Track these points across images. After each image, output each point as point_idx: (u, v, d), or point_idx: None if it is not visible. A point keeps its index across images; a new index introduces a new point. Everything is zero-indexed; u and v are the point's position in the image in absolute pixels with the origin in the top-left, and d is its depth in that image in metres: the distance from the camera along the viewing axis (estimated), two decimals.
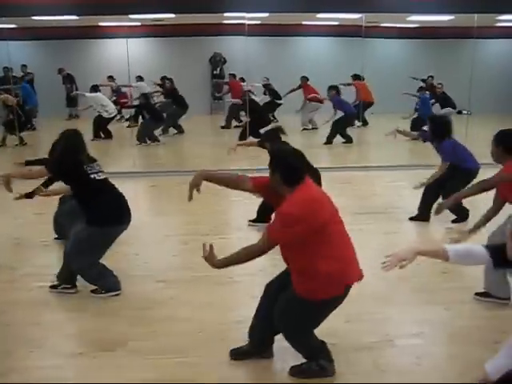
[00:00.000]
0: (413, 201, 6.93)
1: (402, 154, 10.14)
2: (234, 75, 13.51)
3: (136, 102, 12.11)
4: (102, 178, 4.21)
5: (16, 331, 3.77)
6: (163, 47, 14.72)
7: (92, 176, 4.11)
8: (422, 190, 6.09)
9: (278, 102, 13.07)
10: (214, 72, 15.35)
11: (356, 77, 12.09)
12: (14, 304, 4.18)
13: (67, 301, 4.22)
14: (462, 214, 5.98)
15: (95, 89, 11.76)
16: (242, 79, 13.20)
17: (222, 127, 13.16)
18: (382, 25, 13.69)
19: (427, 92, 12.09)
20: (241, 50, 11.82)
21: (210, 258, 3.11)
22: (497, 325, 3.81)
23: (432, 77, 12.85)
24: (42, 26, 12.08)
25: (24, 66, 13.02)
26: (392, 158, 9.56)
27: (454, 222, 6.00)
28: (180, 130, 12.45)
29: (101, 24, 13.33)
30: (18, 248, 5.43)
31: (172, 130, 12.50)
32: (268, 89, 13.33)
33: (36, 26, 12.24)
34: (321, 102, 12.19)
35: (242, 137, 10.73)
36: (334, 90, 11.19)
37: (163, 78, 12.58)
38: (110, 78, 13.13)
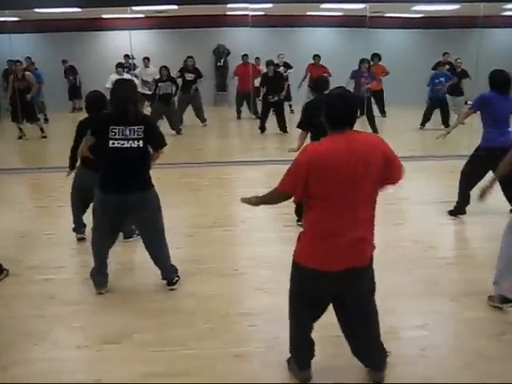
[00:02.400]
0: (418, 192, 6.91)
1: (407, 144, 10.08)
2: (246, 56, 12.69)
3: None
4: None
5: (20, 324, 3.78)
6: (166, 39, 14.67)
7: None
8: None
9: None
10: (218, 64, 15.28)
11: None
12: (18, 297, 4.19)
13: (71, 294, 4.23)
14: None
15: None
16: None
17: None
18: (386, 15, 13.61)
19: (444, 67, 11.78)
20: (245, 42, 11.75)
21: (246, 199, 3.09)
22: (502, 316, 3.79)
23: (447, 53, 12.47)
24: (45, 18, 12.05)
25: (28, 57, 12.88)
26: (396, 148, 9.50)
27: (450, 213, 5.95)
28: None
29: (104, 16, 13.30)
30: (23, 241, 5.43)
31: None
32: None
33: (39, 19, 12.20)
34: None
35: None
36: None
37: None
38: (127, 56, 12.73)
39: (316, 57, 12.53)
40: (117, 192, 3.94)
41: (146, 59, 12.49)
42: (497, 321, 3.74)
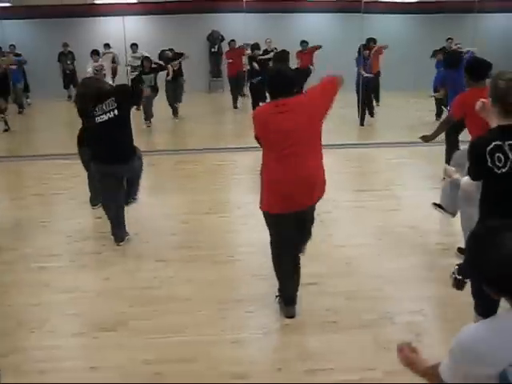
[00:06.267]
0: (413, 177, 6.91)
1: (403, 131, 10.07)
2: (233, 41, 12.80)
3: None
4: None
5: (16, 312, 3.77)
6: (160, 25, 14.50)
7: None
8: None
9: None
10: (212, 50, 15.16)
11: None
12: (14, 285, 4.18)
13: (67, 282, 4.22)
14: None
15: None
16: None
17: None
18: (381, 0, 13.52)
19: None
20: (239, 27, 11.65)
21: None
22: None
23: (451, 39, 12.30)
24: (37, 4, 11.91)
25: (12, 45, 12.56)
26: (392, 135, 9.51)
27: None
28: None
29: (97, 2, 13.16)
30: (18, 229, 5.41)
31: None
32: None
33: (30, 5, 12.06)
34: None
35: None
36: None
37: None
38: (107, 46, 12.52)
39: (303, 43, 12.40)
40: (109, 163, 4.64)
41: (134, 45, 12.26)
42: None
